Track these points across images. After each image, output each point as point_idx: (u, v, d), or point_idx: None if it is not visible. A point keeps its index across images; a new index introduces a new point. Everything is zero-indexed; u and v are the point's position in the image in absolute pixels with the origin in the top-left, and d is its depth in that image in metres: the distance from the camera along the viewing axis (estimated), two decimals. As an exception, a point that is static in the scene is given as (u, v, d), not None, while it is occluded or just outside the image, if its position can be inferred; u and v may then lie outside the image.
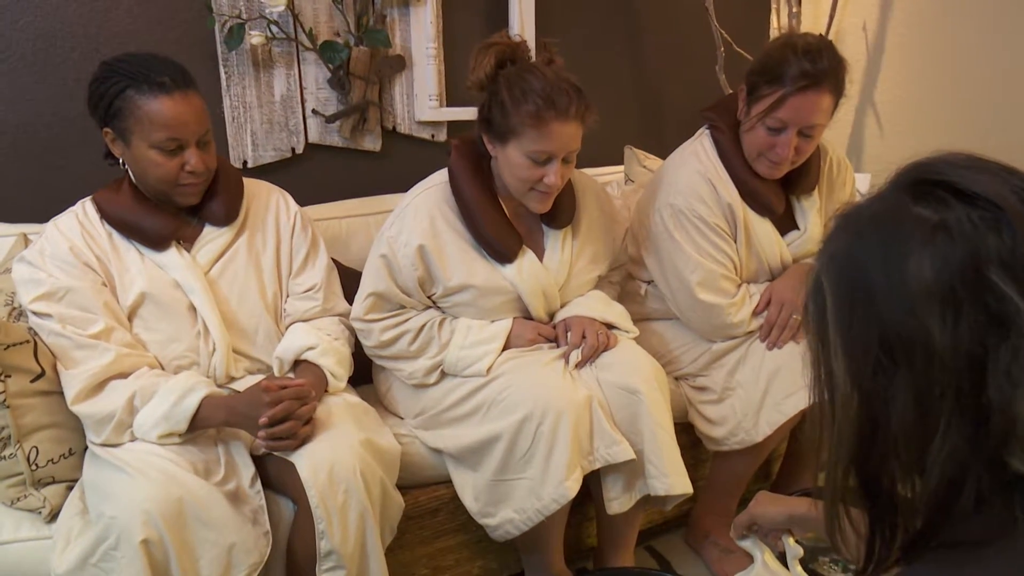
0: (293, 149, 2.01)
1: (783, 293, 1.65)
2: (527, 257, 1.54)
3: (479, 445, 1.44)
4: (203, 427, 1.30)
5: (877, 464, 0.63)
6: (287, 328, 1.51)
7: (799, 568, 1.11)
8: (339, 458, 1.26)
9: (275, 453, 1.30)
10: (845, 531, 0.71)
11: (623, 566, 1.62)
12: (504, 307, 1.54)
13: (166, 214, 1.42)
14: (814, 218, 1.71)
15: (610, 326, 1.59)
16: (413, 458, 1.53)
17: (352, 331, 1.58)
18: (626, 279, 1.84)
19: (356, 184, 2.09)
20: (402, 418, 1.62)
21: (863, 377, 0.61)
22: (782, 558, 1.16)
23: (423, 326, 1.53)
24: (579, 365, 1.51)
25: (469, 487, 1.48)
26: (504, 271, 1.52)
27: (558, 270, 1.57)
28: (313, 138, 2.03)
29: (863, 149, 2.65)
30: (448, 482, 1.55)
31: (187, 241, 1.46)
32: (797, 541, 1.12)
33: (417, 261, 1.48)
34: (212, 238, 1.47)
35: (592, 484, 1.60)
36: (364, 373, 1.69)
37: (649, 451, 1.46)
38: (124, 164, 1.40)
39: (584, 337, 1.53)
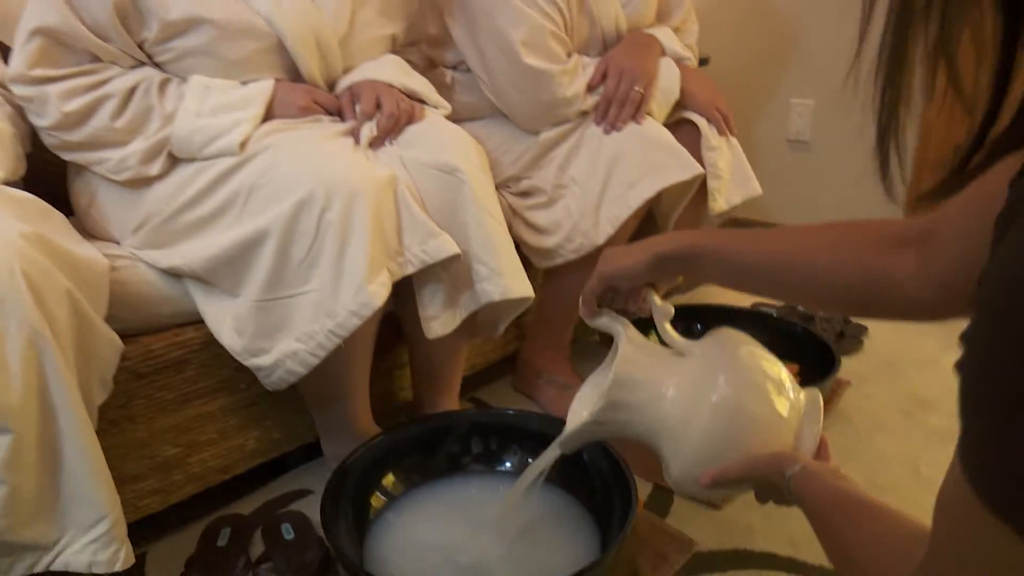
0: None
1: (622, 61, 1.34)
2: (288, -11, 1.07)
3: (236, 252, 0.99)
4: None
5: None
6: None
7: (671, 330, 0.84)
8: (-23, 253, 0.74)
9: None
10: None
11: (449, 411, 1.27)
12: (260, 60, 1.07)
13: None
14: (652, -27, 1.40)
15: (413, 98, 1.18)
16: (138, 289, 1.04)
17: (19, 109, 1.03)
18: (427, 67, 1.43)
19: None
20: (118, 242, 1.11)
21: None
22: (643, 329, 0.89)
23: (133, 89, 1.02)
24: (374, 143, 1.09)
25: (228, 318, 1.02)
26: (255, 2, 1.04)
27: (335, 13, 1.12)
28: None
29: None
30: (196, 322, 1.08)
31: None
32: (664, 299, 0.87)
33: (111, -21, 0.96)
34: None
35: (402, 310, 1.22)
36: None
37: (477, 247, 1.09)
38: None
39: (380, 106, 1.11)
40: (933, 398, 1.52)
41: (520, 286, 1.11)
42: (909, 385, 1.58)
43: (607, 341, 1.78)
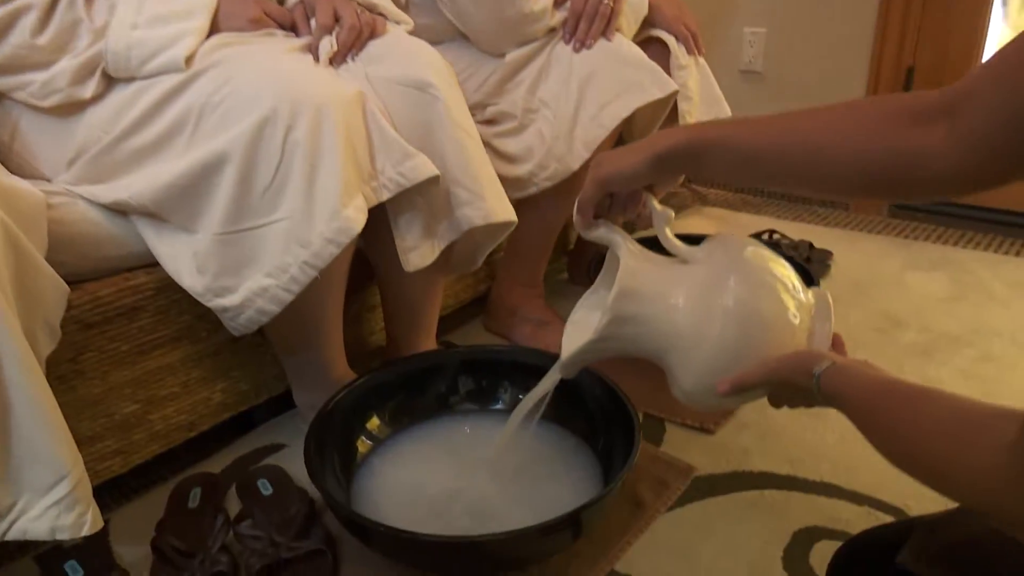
0: None
1: (589, -28, 1.27)
2: None
3: (191, 181, 0.88)
4: None
5: None
6: None
7: (672, 235, 0.79)
8: None
9: None
10: None
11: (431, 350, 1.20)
12: (199, -33, 0.95)
13: None
14: None
15: (372, 11, 1.08)
16: (79, 229, 0.92)
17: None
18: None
19: None
20: (49, 179, 0.98)
21: None
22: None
23: (55, 0, 0.89)
24: (335, 59, 1.00)
25: (186, 256, 0.92)
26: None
27: (282, -86, 1.01)
28: None
29: None
30: (148, 265, 0.98)
31: None
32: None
33: None
34: None
35: (372, 245, 1.13)
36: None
37: (455, 170, 1.01)
38: None
39: (338, 19, 1.01)
40: (904, 316, 1.53)
41: (503, 210, 1.04)
42: (879, 305, 1.59)
43: (577, 278, 1.73)
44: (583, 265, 1.65)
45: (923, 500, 1.01)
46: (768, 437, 1.16)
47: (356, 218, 0.88)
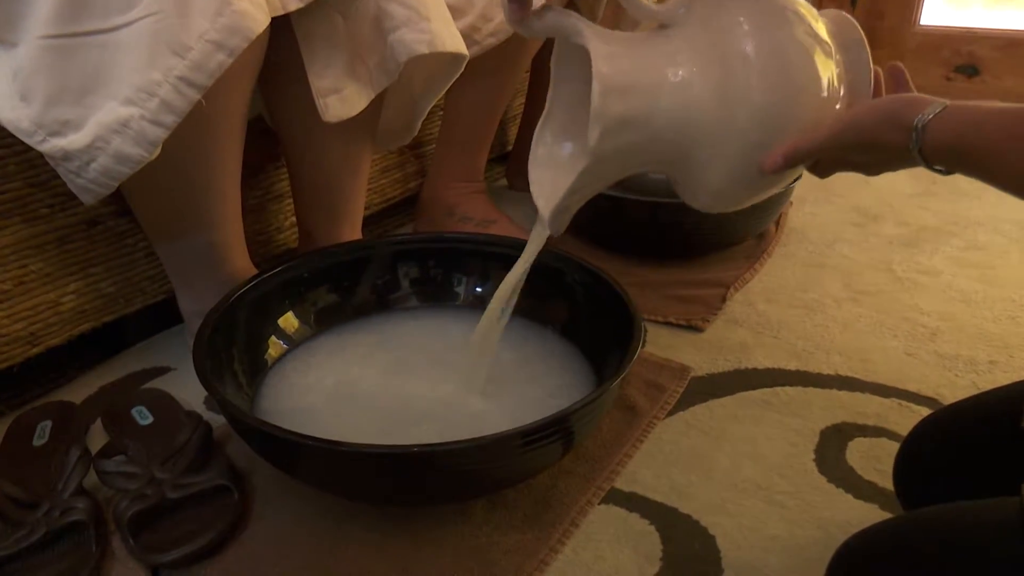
0: None
1: None
2: None
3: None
4: None
5: None
6: None
7: None
8: None
9: None
10: None
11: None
12: None
13: None
14: None
15: None
16: None
17: None
18: None
19: None
20: None
21: None
22: None
23: None
24: None
25: (3, 79, 0.64)
26: None
27: None
28: None
29: None
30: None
31: None
32: None
33: None
34: None
35: (276, 105, 0.87)
36: None
37: (388, -20, 0.76)
38: None
39: None
40: (878, 211, 1.40)
41: (452, 37, 0.80)
42: (848, 201, 1.45)
43: (519, 183, 1.50)
44: (526, 163, 1.42)
45: (955, 388, 0.87)
46: (765, 332, 0.99)
47: (252, 14, 0.62)
